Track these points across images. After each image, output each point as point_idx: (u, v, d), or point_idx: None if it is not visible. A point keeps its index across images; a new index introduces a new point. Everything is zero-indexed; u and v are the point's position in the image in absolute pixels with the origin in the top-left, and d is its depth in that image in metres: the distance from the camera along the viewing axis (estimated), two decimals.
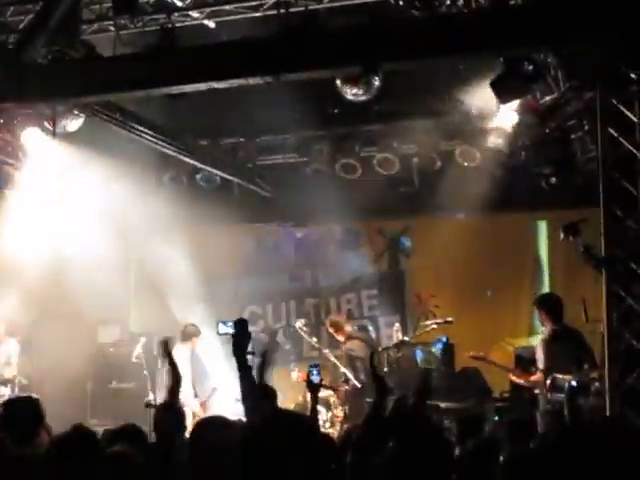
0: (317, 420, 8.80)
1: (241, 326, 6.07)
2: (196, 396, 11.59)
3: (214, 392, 12.24)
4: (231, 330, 6.18)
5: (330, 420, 11.71)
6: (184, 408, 7.31)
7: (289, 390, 12.31)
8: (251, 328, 6.00)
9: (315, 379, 8.39)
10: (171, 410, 6.72)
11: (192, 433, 4.91)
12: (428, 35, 8.14)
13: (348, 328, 12.40)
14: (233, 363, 5.80)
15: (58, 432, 6.10)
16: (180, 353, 12.02)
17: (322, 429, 11.53)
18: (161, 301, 14.36)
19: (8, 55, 9.17)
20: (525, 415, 9.21)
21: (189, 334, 12.19)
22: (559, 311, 9.97)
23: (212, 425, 4.87)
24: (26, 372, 13.81)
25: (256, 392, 5.98)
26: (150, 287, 14.84)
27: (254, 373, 5.93)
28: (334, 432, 11.02)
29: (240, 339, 5.92)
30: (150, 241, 14.26)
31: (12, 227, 12.26)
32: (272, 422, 4.49)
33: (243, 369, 5.86)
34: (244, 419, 5.98)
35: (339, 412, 11.74)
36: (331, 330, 12.20)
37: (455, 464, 4.90)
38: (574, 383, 9.00)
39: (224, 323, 6.81)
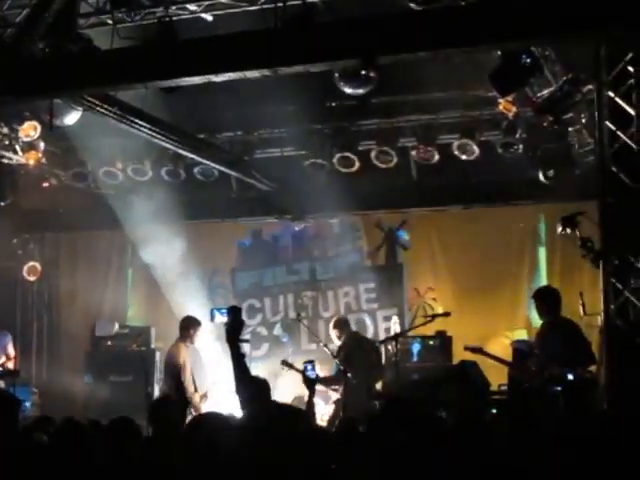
0: (314, 414, 8.80)
1: (234, 314, 6.07)
2: (196, 390, 11.58)
3: (213, 386, 12.22)
4: (225, 318, 6.18)
5: (328, 413, 11.71)
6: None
7: (287, 383, 12.34)
8: (249, 321, 6.02)
9: (311, 374, 8.41)
10: (171, 403, 6.73)
11: (187, 431, 4.91)
12: (425, 28, 8.12)
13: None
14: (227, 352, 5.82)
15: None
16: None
17: (321, 422, 11.55)
18: (158, 295, 14.37)
19: (5, 49, 9.16)
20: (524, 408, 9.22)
21: (188, 326, 12.15)
22: (556, 304, 9.96)
23: (207, 423, 4.87)
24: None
25: (248, 379, 5.99)
26: (147, 281, 14.86)
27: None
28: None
29: (233, 327, 5.92)
30: (148, 234, 14.28)
31: None
32: (266, 418, 4.51)
33: (236, 356, 5.87)
34: (240, 412, 6.00)
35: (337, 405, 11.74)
36: (335, 331, 12.09)
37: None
38: (570, 376, 9.03)
39: (218, 311, 6.80)
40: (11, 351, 13.59)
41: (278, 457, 4.53)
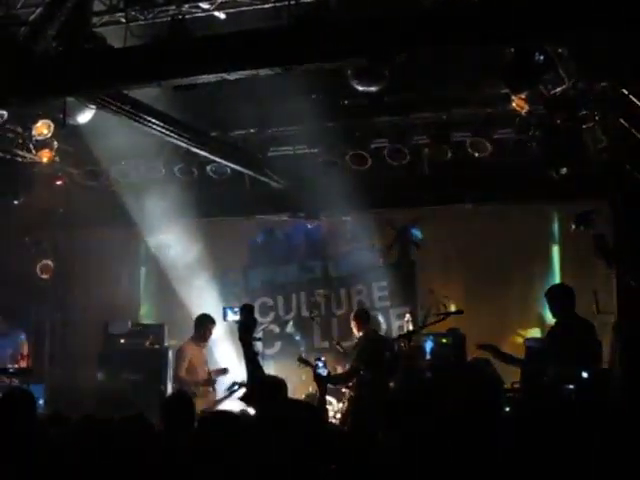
0: (325, 411, 8.80)
1: (247, 312, 6.08)
2: (203, 385, 11.66)
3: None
4: (237, 316, 6.19)
5: (341, 411, 11.72)
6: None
7: (300, 381, 12.36)
8: (262, 319, 6.03)
9: (322, 372, 8.41)
10: (182, 400, 6.73)
11: (197, 429, 4.92)
12: (438, 25, 8.11)
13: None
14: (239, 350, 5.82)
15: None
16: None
17: (333, 420, 11.56)
18: (172, 293, 14.40)
19: (19, 47, 9.17)
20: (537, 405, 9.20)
21: (202, 324, 12.18)
22: (569, 302, 9.91)
23: (217, 422, 4.88)
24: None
25: (261, 376, 6.00)
26: (160, 278, 14.89)
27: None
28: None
29: (246, 325, 5.93)
30: (160, 232, 14.31)
31: None
32: (279, 416, 4.50)
33: (249, 354, 5.88)
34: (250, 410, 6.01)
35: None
36: (354, 322, 12.05)
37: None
38: (585, 374, 9.00)
39: (231, 309, 6.80)
40: (25, 350, 13.64)
41: (290, 455, 4.53)
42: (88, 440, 5.41)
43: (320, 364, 8.41)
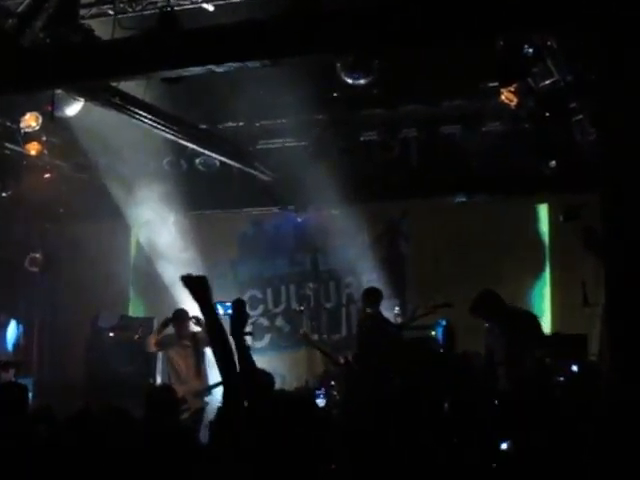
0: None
1: (238, 307, 6.05)
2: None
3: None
4: (229, 311, 6.17)
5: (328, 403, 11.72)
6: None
7: (291, 371, 12.38)
8: (251, 312, 6.00)
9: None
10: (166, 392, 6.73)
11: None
12: (426, 18, 8.08)
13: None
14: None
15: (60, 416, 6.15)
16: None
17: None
18: (160, 286, 14.36)
19: (6, 39, 9.13)
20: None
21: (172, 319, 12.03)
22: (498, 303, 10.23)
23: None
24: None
25: (252, 372, 5.97)
26: (149, 272, 14.85)
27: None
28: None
29: (238, 320, 5.90)
30: (149, 225, 14.29)
31: None
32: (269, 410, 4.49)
33: (242, 349, 5.85)
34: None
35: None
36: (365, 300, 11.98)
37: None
38: (575, 367, 9.03)
39: (222, 304, 6.78)
40: (22, 342, 13.65)
41: (281, 447, 4.53)
42: (73, 436, 5.40)
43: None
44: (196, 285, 5.36)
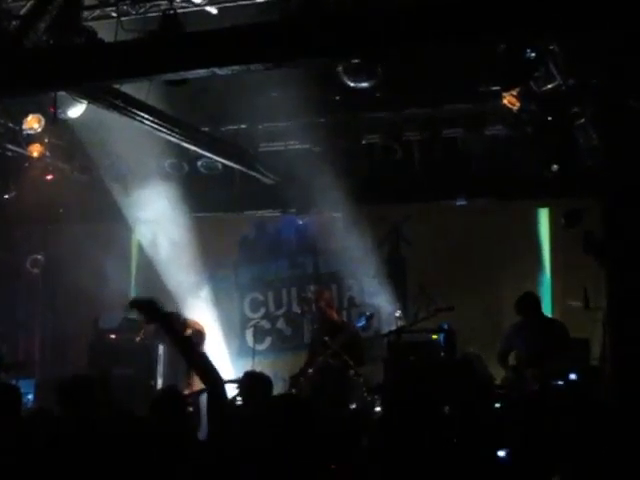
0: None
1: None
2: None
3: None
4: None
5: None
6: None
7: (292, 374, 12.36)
8: (253, 315, 5.99)
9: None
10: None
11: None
12: (428, 21, 8.09)
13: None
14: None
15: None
16: None
17: None
18: (162, 288, 14.36)
19: (9, 41, 9.14)
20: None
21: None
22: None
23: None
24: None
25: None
26: (151, 274, 14.85)
27: None
28: None
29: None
30: (151, 228, 14.29)
31: None
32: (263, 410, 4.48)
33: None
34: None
35: None
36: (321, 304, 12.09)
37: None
38: (573, 376, 9.04)
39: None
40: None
41: (274, 449, 4.54)
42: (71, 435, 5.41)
43: None
44: (147, 307, 5.29)
